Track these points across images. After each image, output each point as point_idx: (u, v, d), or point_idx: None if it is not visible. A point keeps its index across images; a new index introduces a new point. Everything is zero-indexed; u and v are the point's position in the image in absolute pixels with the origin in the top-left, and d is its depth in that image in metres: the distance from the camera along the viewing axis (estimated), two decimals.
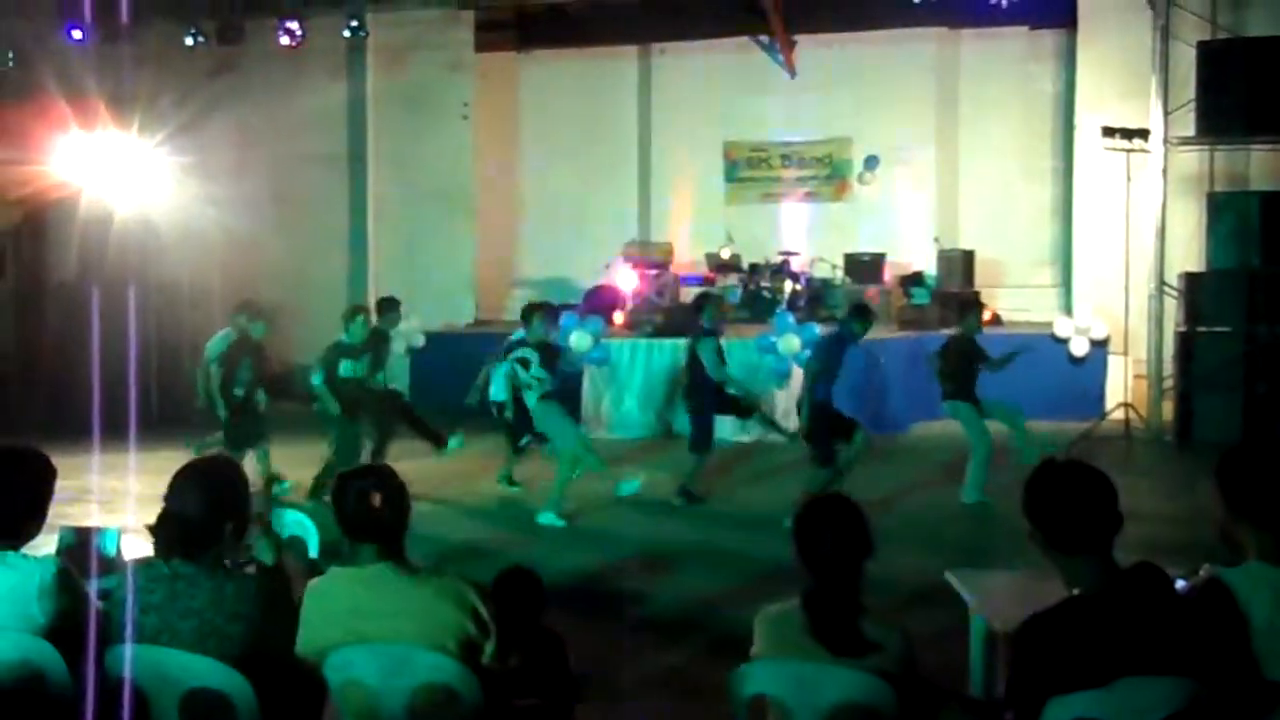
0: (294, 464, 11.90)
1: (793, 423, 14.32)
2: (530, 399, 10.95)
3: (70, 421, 12.71)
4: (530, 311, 11.36)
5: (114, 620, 3.91)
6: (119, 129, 16.83)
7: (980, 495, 11.17)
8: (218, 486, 4.01)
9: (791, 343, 15.10)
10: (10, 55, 17.15)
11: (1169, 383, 15.59)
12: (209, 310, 17.58)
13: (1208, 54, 15.15)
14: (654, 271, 17.98)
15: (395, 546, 3.99)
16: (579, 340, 15.41)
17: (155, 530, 3.95)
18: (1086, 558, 3.48)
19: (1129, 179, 15.87)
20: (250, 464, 11.24)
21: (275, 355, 18.99)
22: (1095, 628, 3.37)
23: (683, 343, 12.61)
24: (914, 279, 17.99)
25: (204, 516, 3.92)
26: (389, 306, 12.25)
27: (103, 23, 17.26)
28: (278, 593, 3.99)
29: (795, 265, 18.21)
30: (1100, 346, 16.69)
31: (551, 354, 11.22)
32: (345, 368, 11.42)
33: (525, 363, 10.95)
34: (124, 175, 16.69)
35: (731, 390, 11.62)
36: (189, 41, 17.78)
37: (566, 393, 12.54)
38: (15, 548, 4.09)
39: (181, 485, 3.98)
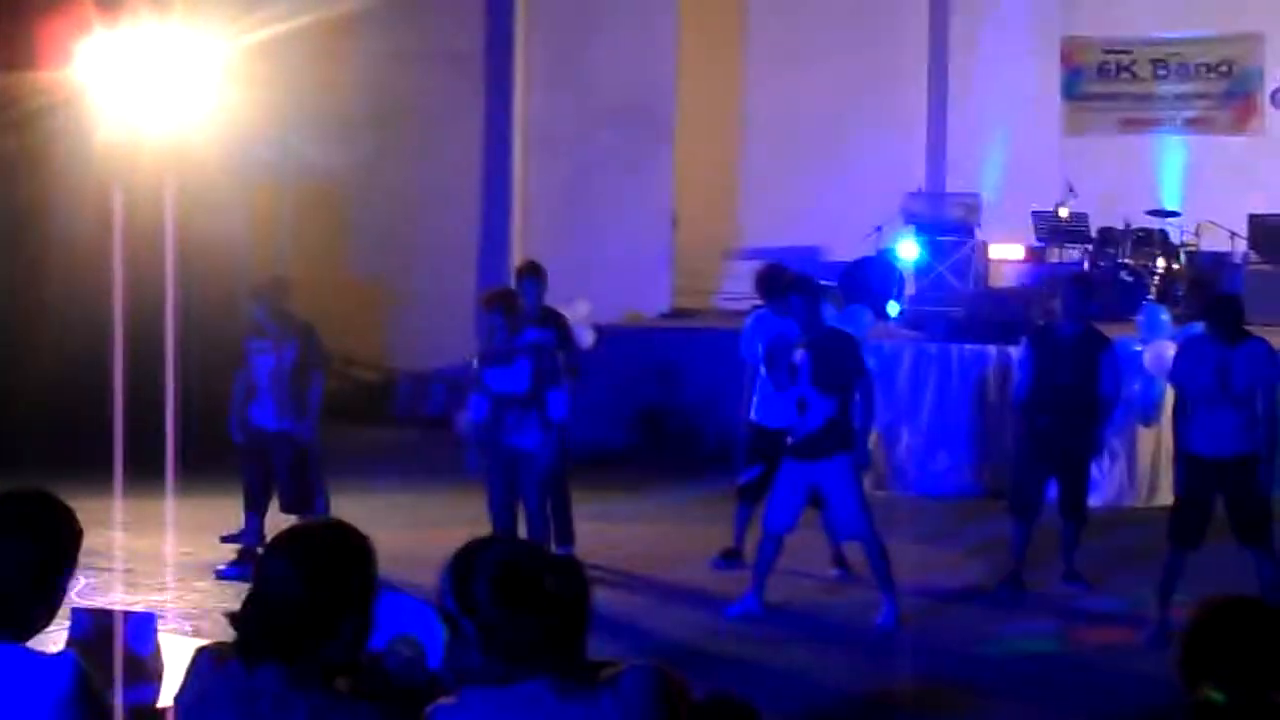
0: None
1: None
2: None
3: (81, 452, 13.02)
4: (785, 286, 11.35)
5: None
6: (155, 23, 17.19)
7: None
8: (331, 563, 4.01)
9: (1164, 356, 14.83)
10: None
11: None
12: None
13: None
14: (950, 239, 17.83)
15: (569, 657, 3.95)
16: None
17: (238, 621, 3.94)
18: None
19: None
20: None
21: (367, 360, 19.51)
22: None
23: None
24: None
25: (308, 606, 3.91)
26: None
27: None
28: None
29: (1173, 233, 17.96)
30: None
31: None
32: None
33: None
34: (161, 86, 17.07)
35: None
36: None
37: None
38: (20, 639, 4.09)
39: (278, 558, 3.99)
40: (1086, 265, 17.90)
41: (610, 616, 10.84)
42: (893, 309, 16.95)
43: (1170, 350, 14.84)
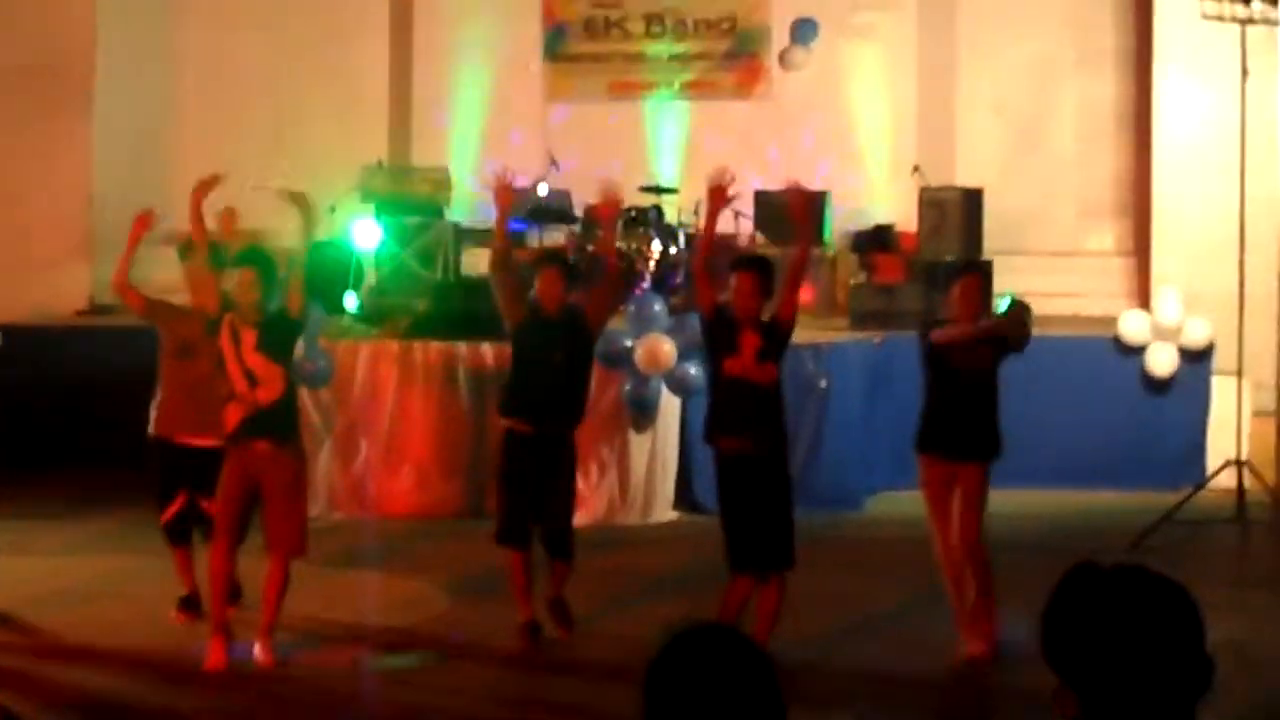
0: None
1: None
2: None
3: None
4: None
5: None
6: None
7: None
8: None
9: (659, 352, 15.12)
10: None
11: None
12: None
13: None
14: (417, 220, 17.97)
15: None
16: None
17: None
18: None
19: (1245, 72, 15.93)
20: None
21: None
22: None
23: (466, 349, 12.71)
24: (876, 238, 18.28)
25: None
26: None
27: None
28: None
29: (670, 212, 18.31)
30: (1198, 361, 16.85)
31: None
32: None
33: None
34: None
35: None
36: None
37: None
38: None
39: None
40: (571, 250, 17.98)
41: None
42: (349, 302, 16.97)
43: (666, 345, 15.16)
